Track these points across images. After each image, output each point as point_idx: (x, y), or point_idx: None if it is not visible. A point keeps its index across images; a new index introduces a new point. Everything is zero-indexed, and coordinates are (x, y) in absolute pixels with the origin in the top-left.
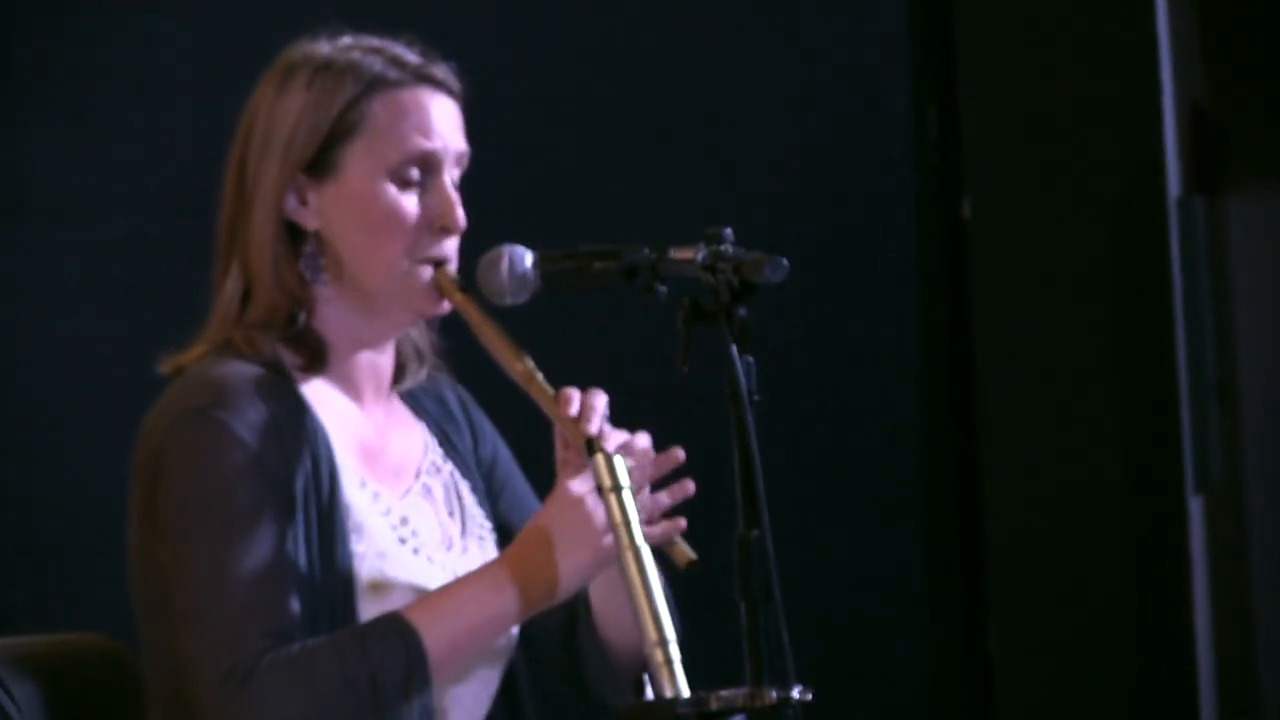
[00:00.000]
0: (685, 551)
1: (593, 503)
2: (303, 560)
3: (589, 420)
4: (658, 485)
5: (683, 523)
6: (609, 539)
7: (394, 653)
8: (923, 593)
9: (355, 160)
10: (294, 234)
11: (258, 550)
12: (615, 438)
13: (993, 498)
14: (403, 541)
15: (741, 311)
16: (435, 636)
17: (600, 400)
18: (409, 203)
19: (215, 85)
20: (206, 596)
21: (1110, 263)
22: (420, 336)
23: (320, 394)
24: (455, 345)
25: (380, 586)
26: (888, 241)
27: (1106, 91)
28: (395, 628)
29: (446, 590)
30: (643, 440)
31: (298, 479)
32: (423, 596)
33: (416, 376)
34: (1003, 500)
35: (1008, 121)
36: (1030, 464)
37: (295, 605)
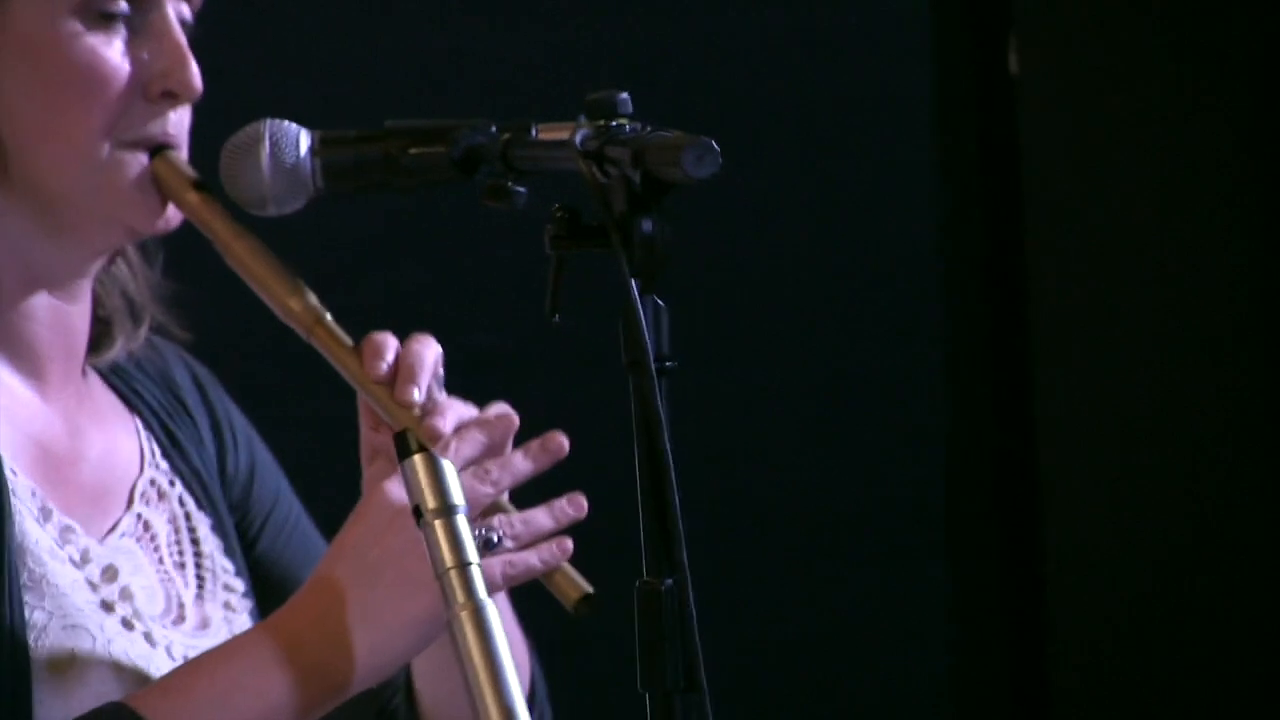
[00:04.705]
0: (576, 582)
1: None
2: None
3: (408, 382)
4: (528, 495)
5: (568, 544)
6: None
7: None
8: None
9: None
10: None
11: None
12: (453, 412)
13: (1055, 512)
14: (107, 608)
15: (647, 226)
16: None
17: (429, 351)
18: (110, 53)
19: None
20: None
21: (1241, 148)
22: (132, 276)
23: None
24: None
25: (68, 673)
26: (897, 114)
27: None
28: None
29: (195, 669)
30: (499, 416)
31: None
32: (159, 681)
33: (129, 342)
34: (1067, 517)
35: None
36: (1102, 470)
37: None
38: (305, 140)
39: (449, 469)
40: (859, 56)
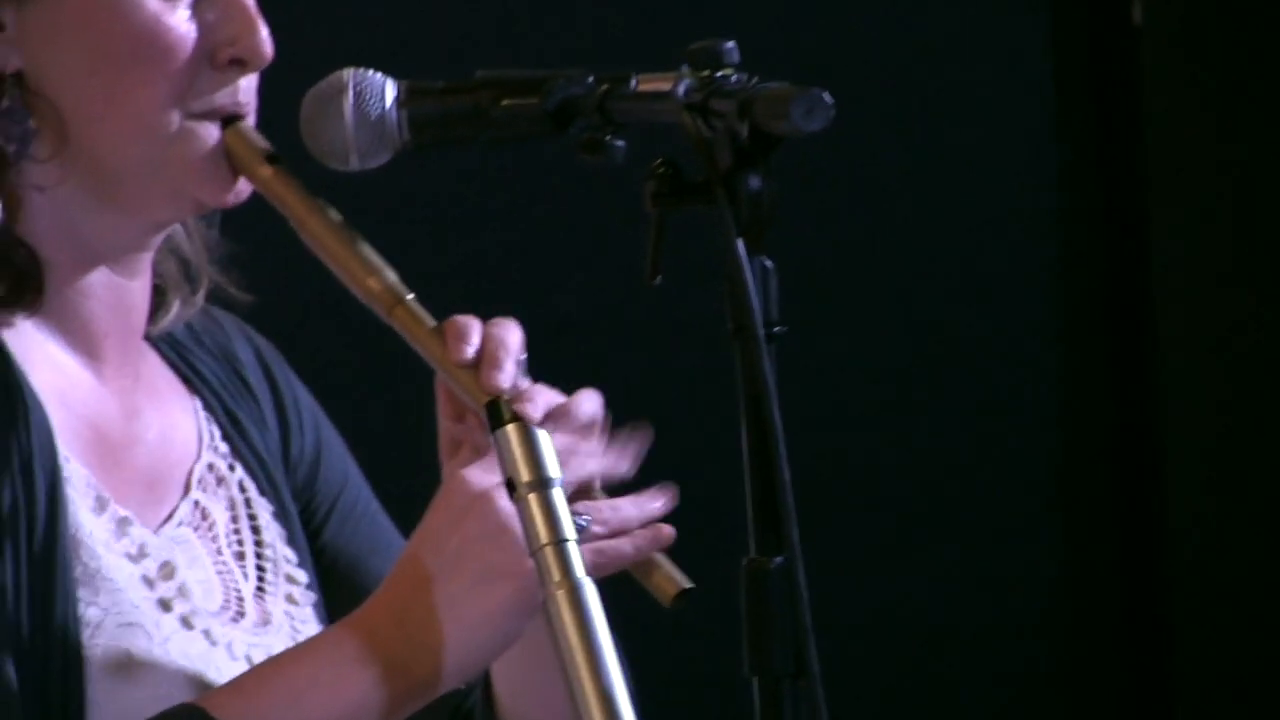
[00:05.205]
0: (673, 577)
1: (507, 501)
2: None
3: (494, 368)
4: (621, 487)
5: (668, 531)
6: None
7: None
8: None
9: None
10: None
11: None
12: (541, 398)
13: (1179, 491)
14: (164, 607)
15: (754, 183)
16: None
17: (513, 336)
18: (175, 20)
19: None
20: None
21: None
22: (188, 237)
23: (29, 348)
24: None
25: (124, 673)
26: (1013, 67)
27: None
28: None
29: (270, 668)
30: (589, 403)
31: (1, 490)
32: (232, 681)
33: (185, 308)
34: (1192, 495)
35: None
36: (1231, 447)
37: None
38: (391, 91)
39: (544, 439)
40: (974, 7)
